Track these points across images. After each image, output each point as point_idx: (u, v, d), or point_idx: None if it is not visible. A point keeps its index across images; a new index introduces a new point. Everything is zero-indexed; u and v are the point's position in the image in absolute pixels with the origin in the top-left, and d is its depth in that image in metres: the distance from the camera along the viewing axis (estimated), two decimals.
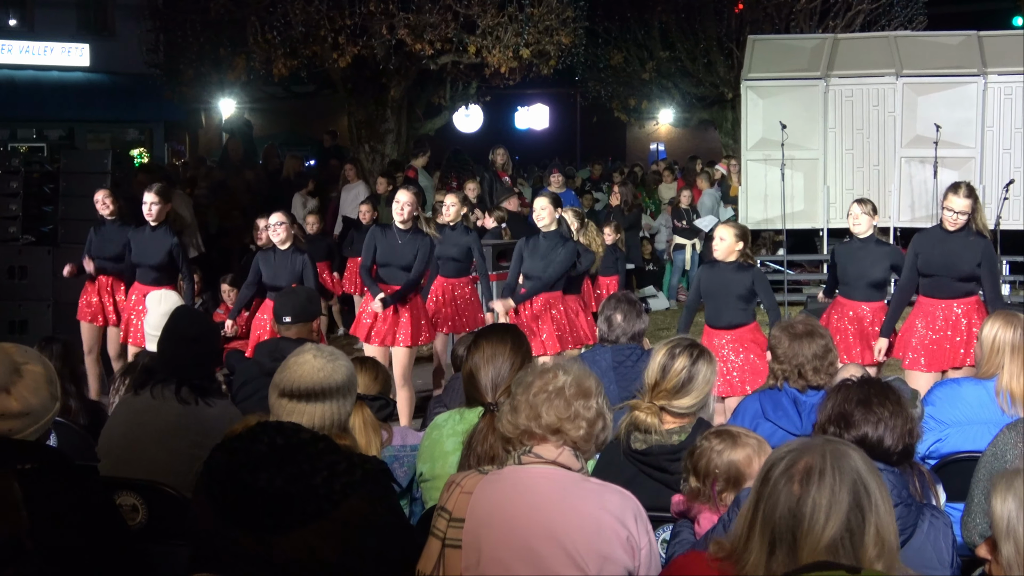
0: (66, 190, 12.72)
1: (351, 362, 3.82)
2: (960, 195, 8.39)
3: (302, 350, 3.74)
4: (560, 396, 3.50)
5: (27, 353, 3.76)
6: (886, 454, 3.92)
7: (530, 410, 3.50)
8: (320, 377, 3.65)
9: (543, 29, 17.69)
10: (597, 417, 3.53)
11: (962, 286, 8.48)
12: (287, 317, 6.68)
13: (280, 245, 9.69)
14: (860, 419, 3.98)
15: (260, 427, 3.45)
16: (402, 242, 9.49)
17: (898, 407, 3.98)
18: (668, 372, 4.53)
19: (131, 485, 4.63)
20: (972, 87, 16.57)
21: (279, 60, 17.60)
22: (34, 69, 29.28)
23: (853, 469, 2.75)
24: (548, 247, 9.62)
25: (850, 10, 22.34)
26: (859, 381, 4.11)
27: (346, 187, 16.95)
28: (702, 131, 33.41)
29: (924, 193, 16.58)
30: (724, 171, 19.50)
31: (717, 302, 8.65)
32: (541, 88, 32.27)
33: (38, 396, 3.66)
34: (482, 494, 3.43)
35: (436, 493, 4.54)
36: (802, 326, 5.59)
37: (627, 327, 6.62)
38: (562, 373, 3.55)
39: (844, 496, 2.71)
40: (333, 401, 3.65)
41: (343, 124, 23.72)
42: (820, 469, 2.74)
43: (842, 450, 2.79)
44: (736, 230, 8.68)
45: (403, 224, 9.48)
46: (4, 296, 12.69)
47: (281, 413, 3.60)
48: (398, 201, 9.52)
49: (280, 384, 3.65)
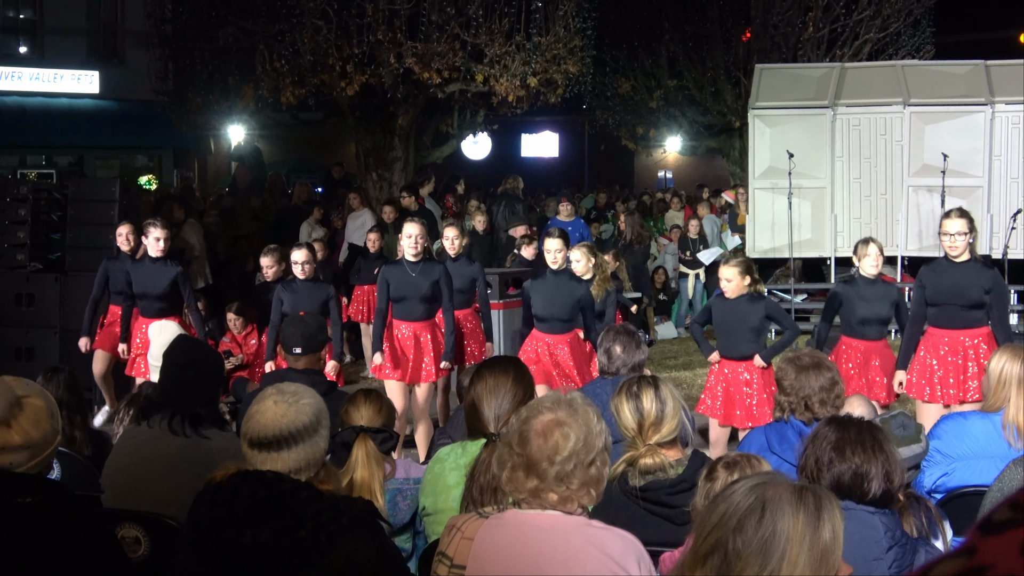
0: (74, 218, 12.75)
1: (316, 396, 3.72)
2: (953, 217, 8.47)
3: (262, 396, 3.60)
4: (572, 467, 3.33)
5: (28, 386, 3.75)
6: (865, 497, 3.89)
7: (527, 471, 3.35)
8: (284, 423, 3.52)
9: (551, 58, 17.76)
10: (599, 475, 3.40)
11: (971, 315, 8.46)
12: (297, 348, 6.65)
13: (303, 277, 9.79)
14: (831, 465, 3.93)
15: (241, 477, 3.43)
16: (415, 274, 9.48)
17: (875, 451, 3.92)
18: (644, 412, 4.57)
19: (134, 517, 4.62)
20: (979, 116, 16.55)
21: (287, 88, 17.68)
22: (44, 96, 29.40)
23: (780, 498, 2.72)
24: (558, 285, 9.53)
25: (857, 39, 22.41)
26: (836, 423, 4.07)
27: (352, 215, 16.99)
28: (710, 159, 33.45)
29: (932, 222, 16.52)
30: (731, 200, 19.50)
31: (729, 334, 8.65)
32: (549, 115, 32.35)
33: (39, 430, 3.66)
34: (483, 541, 3.38)
35: (438, 527, 4.53)
36: (808, 358, 5.57)
37: (627, 358, 6.59)
38: (560, 432, 3.34)
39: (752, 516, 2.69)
40: (304, 444, 3.55)
41: (351, 151, 23.81)
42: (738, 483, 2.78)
43: (784, 481, 2.80)
44: (739, 268, 8.66)
45: (415, 257, 9.49)
46: (11, 323, 12.70)
47: (255, 463, 3.54)
48: (409, 235, 9.48)
49: (247, 435, 3.56)
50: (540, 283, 9.63)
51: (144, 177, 30.94)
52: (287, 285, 9.83)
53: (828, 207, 17.10)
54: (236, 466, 3.51)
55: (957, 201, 16.15)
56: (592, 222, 19.55)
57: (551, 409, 3.39)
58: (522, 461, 3.35)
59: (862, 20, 22.46)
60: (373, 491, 4.53)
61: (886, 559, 3.76)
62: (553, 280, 9.56)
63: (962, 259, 8.43)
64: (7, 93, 28.86)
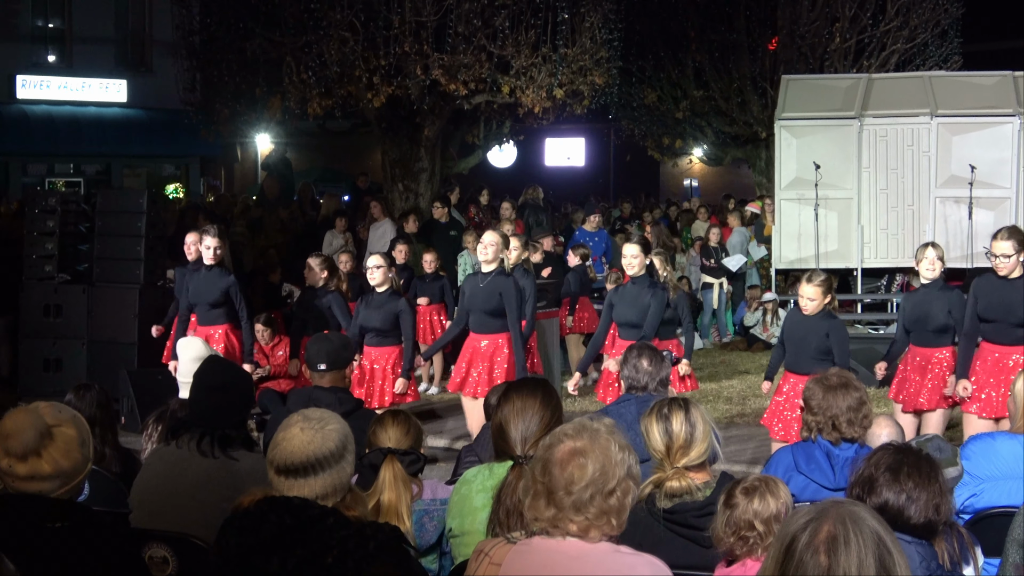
0: (101, 229, 12.82)
1: (342, 421, 3.72)
2: (1000, 239, 8.49)
3: (288, 423, 3.62)
4: (588, 496, 3.30)
5: (60, 414, 3.78)
6: (906, 525, 3.88)
7: (547, 500, 3.33)
8: (311, 450, 3.54)
9: (577, 69, 17.73)
10: (619, 504, 3.35)
11: (1021, 332, 8.47)
12: (322, 365, 6.65)
13: (378, 288, 9.83)
14: (884, 485, 3.94)
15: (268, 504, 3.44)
16: (483, 285, 9.52)
17: (928, 480, 3.93)
18: (673, 435, 4.54)
19: (162, 537, 4.64)
20: (1008, 127, 16.46)
21: (314, 100, 17.71)
22: (72, 105, 29.60)
23: (874, 531, 2.75)
24: (636, 293, 9.40)
25: (884, 50, 22.30)
26: (896, 448, 4.08)
27: (373, 225, 17.03)
28: (735, 169, 33.38)
29: (959, 233, 16.45)
30: (757, 211, 19.45)
31: (797, 349, 8.55)
32: (575, 125, 32.32)
33: (70, 459, 3.70)
34: (510, 567, 3.38)
35: (465, 549, 4.54)
36: (836, 378, 5.55)
37: (655, 371, 6.51)
38: (577, 462, 3.32)
39: (870, 560, 2.69)
40: (331, 470, 3.55)
41: (377, 161, 23.84)
42: (844, 537, 2.72)
43: (858, 513, 2.78)
44: (822, 287, 8.45)
45: (488, 265, 9.53)
46: (39, 334, 12.78)
47: (282, 489, 3.55)
48: (484, 243, 9.64)
49: (274, 462, 3.56)
50: (620, 291, 9.60)
51: (171, 186, 31.11)
52: (365, 298, 9.93)
53: (855, 218, 17.02)
54: (263, 492, 3.52)
55: (985, 212, 16.10)
56: (617, 232, 19.50)
57: (572, 437, 3.38)
58: (543, 489, 3.34)
59: (889, 31, 22.34)
60: (400, 513, 4.54)
61: None
62: (633, 289, 9.48)
63: (1013, 276, 8.46)
64: (36, 102, 29.06)
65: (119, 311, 12.51)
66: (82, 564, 3.55)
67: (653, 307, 9.25)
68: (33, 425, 3.64)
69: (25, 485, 3.68)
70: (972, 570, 4.26)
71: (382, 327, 9.79)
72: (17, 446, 3.65)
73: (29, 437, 3.65)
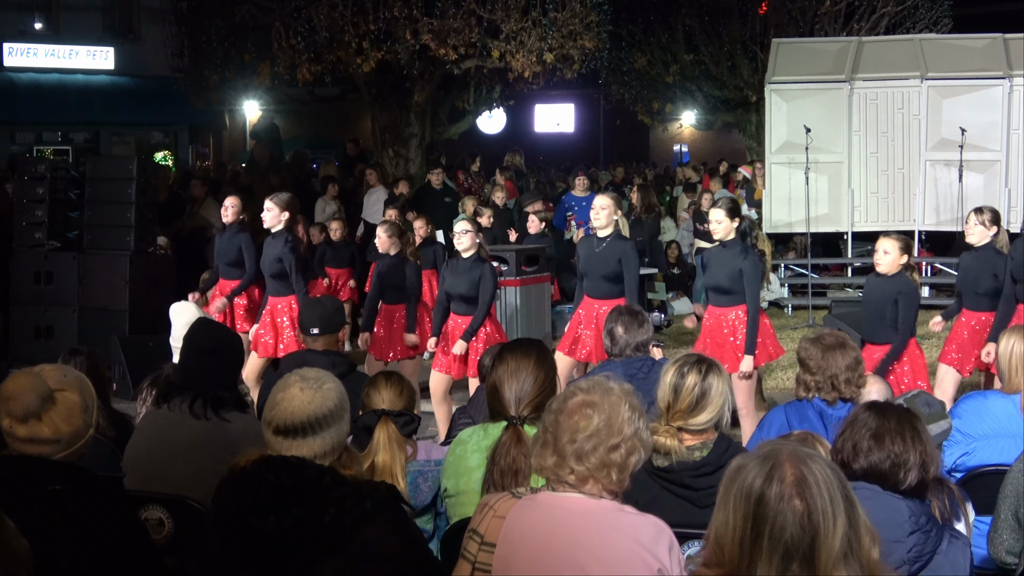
0: (91, 196, 12.77)
1: (337, 381, 3.72)
2: None
3: (286, 383, 3.61)
4: (591, 446, 3.37)
5: (65, 379, 3.79)
6: (896, 487, 3.89)
7: (552, 448, 3.40)
8: (311, 410, 3.53)
9: (567, 34, 17.68)
10: (623, 461, 3.40)
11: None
12: (315, 329, 6.65)
13: (464, 253, 9.48)
14: (869, 452, 3.94)
15: (265, 463, 3.45)
16: (598, 250, 9.41)
17: (913, 441, 3.93)
18: (680, 391, 4.42)
19: (158, 499, 4.66)
20: (997, 90, 16.49)
21: (303, 65, 17.65)
22: (59, 72, 29.41)
23: (827, 465, 2.83)
24: (729, 257, 8.79)
25: (875, 13, 22.25)
26: (877, 410, 4.06)
27: (368, 192, 16.98)
28: (726, 133, 33.36)
29: (949, 196, 16.49)
30: (748, 175, 19.43)
31: (872, 316, 8.31)
32: (565, 90, 32.23)
33: (71, 424, 3.72)
34: (515, 521, 3.41)
35: (460, 509, 4.56)
36: (831, 338, 5.58)
37: (629, 338, 6.49)
38: (584, 412, 3.40)
39: (837, 493, 2.77)
40: (329, 430, 3.55)
41: (366, 127, 23.76)
42: (808, 475, 2.78)
43: (802, 450, 2.85)
44: (900, 243, 8.18)
45: (603, 230, 9.43)
46: (30, 302, 12.75)
47: (279, 449, 3.55)
48: (595, 207, 9.47)
49: (272, 422, 3.55)
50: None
51: (160, 153, 30.97)
52: (452, 263, 9.64)
53: (845, 182, 17.06)
54: (259, 452, 3.53)
55: (975, 175, 16.13)
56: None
57: (585, 392, 3.47)
58: (550, 439, 3.42)
59: None
60: (395, 474, 4.55)
61: (906, 543, 3.76)
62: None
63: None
64: (22, 69, 28.88)
65: (110, 278, 12.47)
66: (80, 527, 3.56)
67: (748, 272, 8.65)
68: (34, 388, 3.66)
69: (25, 447, 3.70)
70: (963, 526, 4.28)
71: (467, 293, 9.32)
72: (18, 408, 3.67)
73: (30, 400, 3.66)
